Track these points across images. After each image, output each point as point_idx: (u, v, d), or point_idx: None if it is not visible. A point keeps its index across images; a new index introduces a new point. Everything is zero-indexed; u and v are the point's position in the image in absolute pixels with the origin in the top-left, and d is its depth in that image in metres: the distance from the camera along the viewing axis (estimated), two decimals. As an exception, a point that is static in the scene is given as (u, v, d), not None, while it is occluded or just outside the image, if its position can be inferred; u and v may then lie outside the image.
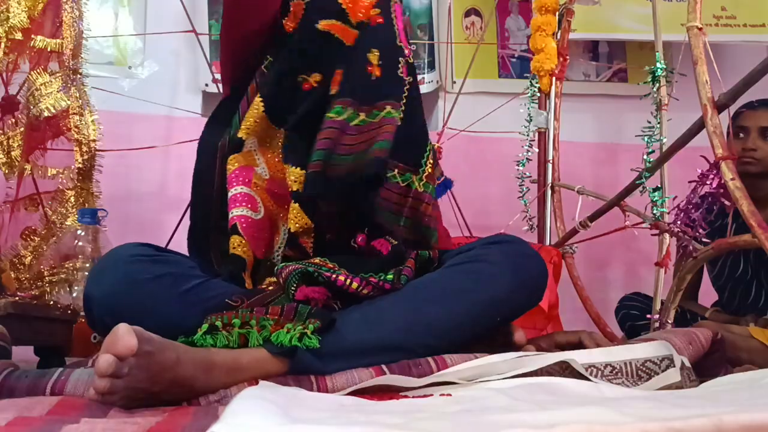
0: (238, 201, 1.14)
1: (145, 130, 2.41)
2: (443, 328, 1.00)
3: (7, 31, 1.80)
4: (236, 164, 1.18)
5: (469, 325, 1.03)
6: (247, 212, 1.14)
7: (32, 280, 1.76)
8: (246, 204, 1.14)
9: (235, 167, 1.17)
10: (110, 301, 0.95)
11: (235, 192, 1.15)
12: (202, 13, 2.64)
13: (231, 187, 1.16)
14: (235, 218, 1.12)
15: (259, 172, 1.19)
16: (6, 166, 1.81)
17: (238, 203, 1.14)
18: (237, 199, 1.14)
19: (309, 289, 1.00)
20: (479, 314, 1.03)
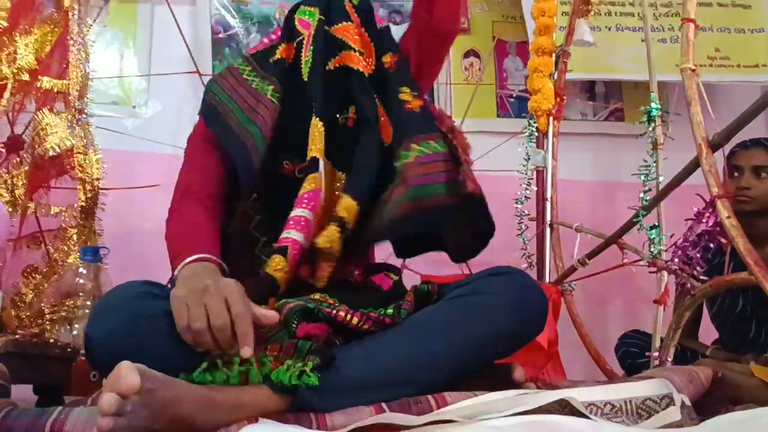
0: (298, 224, 1.12)
1: (149, 168, 2.43)
2: (444, 361, 1.00)
3: (14, 72, 1.84)
4: (312, 185, 1.16)
5: (471, 358, 1.03)
6: (301, 238, 1.12)
7: (33, 318, 1.77)
8: (303, 230, 1.12)
9: (310, 187, 1.16)
10: (111, 340, 0.95)
11: (298, 214, 1.13)
12: (206, 53, 2.69)
13: (298, 207, 1.14)
14: (288, 240, 1.10)
15: (321, 197, 1.18)
16: (10, 204, 1.83)
17: (296, 227, 1.12)
18: (298, 221, 1.13)
19: (310, 326, 1.00)
20: (481, 346, 1.03)
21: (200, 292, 0.93)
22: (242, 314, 0.92)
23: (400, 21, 2.89)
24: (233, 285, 0.96)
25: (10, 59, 1.87)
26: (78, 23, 1.94)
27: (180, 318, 0.92)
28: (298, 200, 1.15)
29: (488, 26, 2.92)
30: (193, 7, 2.76)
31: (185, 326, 0.91)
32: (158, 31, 2.72)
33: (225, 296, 0.93)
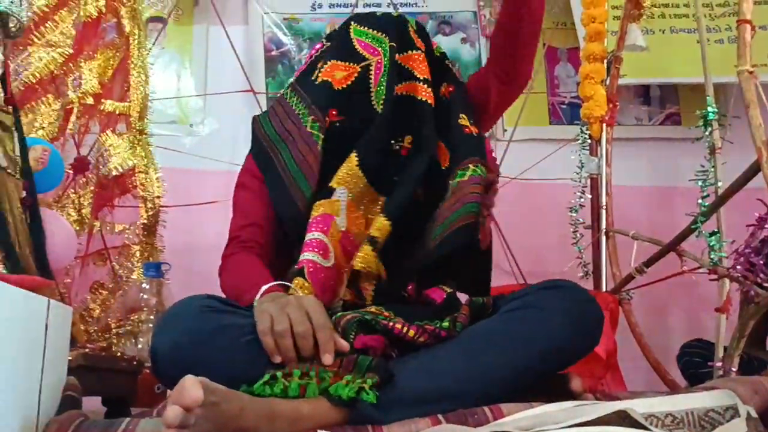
0: (312, 246, 1.18)
1: (206, 185, 2.50)
2: (500, 375, 1.00)
3: (80, 96, 1.93)
4: (321, 210, 1.22)
5: (526, 372, 1.02)
6: (318, 258, 1.17)
7: (100, 332, 1.83)
8: (318, 250, 1.17)
9: (319, 213, 1.21)
10: (176, 353, 0.98)
11: (311, 237, 1.19)
12: (259, 71, 2.75)
13: (309, 231, 1.20)
14: (305, 262, 1.16)
15: (338, 222, 1.22)
16: (77, 223, 1.91)
17: (312, 248, 1.17)
18: (312, 244, 1.18)
19: (367, 338, 1.01)
20: (536, 361, 1.03)
21: (283, 304, 1.00)
22: (323, 324, 0.99)
23: (450, 32, 2.90)
24: (314, 299, 1.04)
25: (76, 84, 1.95)
26: (138, 47, 2.01)
27: (262, 322, 0.98)
28: (309, 226, 1.20)
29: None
30: (246, 26, 2.83)
31: (267, 328, 0.97)
32: (213, 51, 2.80)
33: (306, 308, 0.99)
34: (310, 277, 1.14)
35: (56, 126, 1.94)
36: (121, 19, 1.99)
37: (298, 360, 0.98)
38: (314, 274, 1.15)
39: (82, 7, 1.96)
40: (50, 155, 1.70)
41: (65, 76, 1.95)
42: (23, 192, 1.54)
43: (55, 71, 1.93)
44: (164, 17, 2.70)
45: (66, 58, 1.94)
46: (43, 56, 1.91)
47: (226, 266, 1.29)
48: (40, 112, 1.91)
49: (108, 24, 2.06)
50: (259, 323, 0.98)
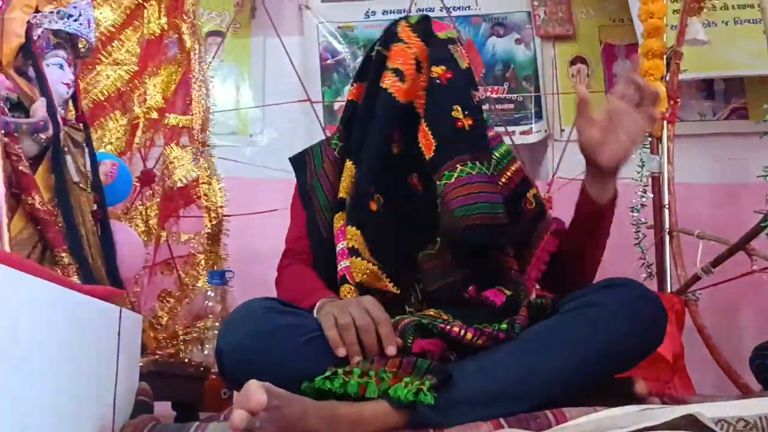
0: (345, 255, 1.20)
1: (266, 193, 2.55)
2: (560, 376, 0.99)
3: (145, 111, 2.00)
4: (341, 222, 1.24)
5: (587, 372, 1.01)
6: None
7: (168, 339, 1.90)
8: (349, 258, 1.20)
9: (340, 224, 1.24)
10: (240, 353, 1.01)
11: (341, 247, 1.21)
12: (315, 81, 2.79)
13: (338, 242, 1.22)
14: (344, 270, 1.18)
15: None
16: (144, 233, 1.99)
17: (345, 256, 1.20)
18: (344, 253, 1.20)
19: (425, 342, 1.02)
20: (596, 360, 1.01)
21: (344, 304, 1.06)
22: (383, 318, 1.03)
23: (504, 33, 2.88)
24: (371, 298, 1.08)
25: (141, 100, 2.03)
26: (198, 61, 2.08)
27: (326, 321, 1.02)
28: (336, 236, 1.23)
29: (594, 31, 2.86)
30: (302, 36, 2.88)
31: (331, 324, 1.01)
32: (270, 62, 2.86)
33: (366, 306, 1.04)
34: (352, 280, 1.17)
35: (123, 140, 2.02)
36: (182, 35, 2.06)
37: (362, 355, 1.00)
38: (354, 278, 1.18)
39: (146, 26, 2.04)
40: (119, 169, 1.77)
41: (131, 93, 2.04)
42: (94, 205, 1.61)
43: (121, 88, 2.02)
44: (223, 31, 2.77)
45: (132, 75, 2.03)
46: (111, 74, 2.00)
47: (282, 278, 1.33)
48: (108, 127, 2.00)
49: (170, 40, 2.13)
50: (323, 322, 1.03)
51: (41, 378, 0.83)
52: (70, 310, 0.94)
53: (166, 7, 2.07)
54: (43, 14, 1.61)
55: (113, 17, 2.02)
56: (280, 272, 1.34)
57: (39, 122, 1.46)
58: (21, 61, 1.57)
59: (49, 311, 0.87)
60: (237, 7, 2.79)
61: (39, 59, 1.56)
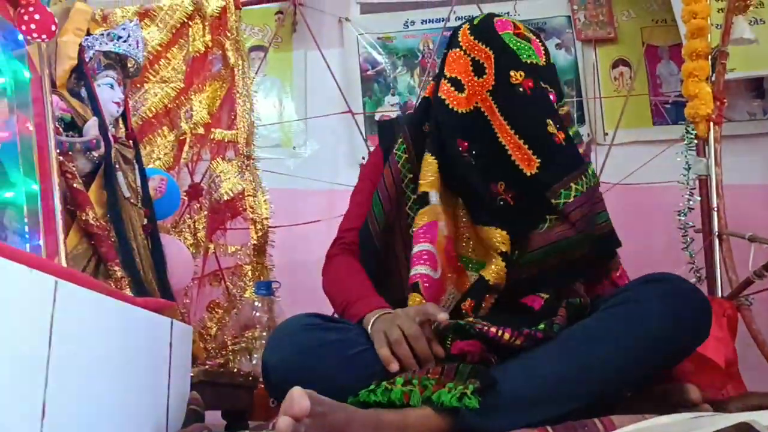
0: (422, 259, 1.16)
1: (310, 204, 2.59)
2: (601, 373, 0.98)
3: (191, 127, 2.06)
4: (423, 219, 1.19)
5: (629, 369, 0.99)
6: (429, 271, 1.15)
7: (217, 349, 1.93)
8: (428, 263, 1.16)
9: (422, 223, 1.19)
10: (285, 367, 1.04)
11: (420, 249, 1.17)
12: (356, 92, 2.82)
13: (416, 243, 1.18)
14: (418, 276, 1.15)
15: (441, 228, 1.20)
16: (193, 246, 2.03)
17: (422, 261, 1.16)
18: (421, 256, 1.16)
19: (463, 343, 1.03)
20: (638, 356, 0.99)
21: (391, 319, 1.08)
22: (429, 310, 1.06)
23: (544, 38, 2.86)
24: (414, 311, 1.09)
25: (187, 116, 2.09)
26: (242, 77, 2.12)
27: (378, 340, 1.05)
28: (415, 236, 1.18)
29: (636, 32, 2.82)
30: (342, 48, 2.91)
31: (383, 341, 1.04)
32: (312, 75, 2.89)
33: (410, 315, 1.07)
34: (425, 291, 1.14)
35: (171, 156, 2.08)
36: (225, 51, 2.11)
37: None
38: (429, 289, 1.14)
39: (191, 44, 2.10)
40: (167, 184, 1.82)
41: (178, 109, 2.10)
42: (145, 219, 1.66)
43: (168, 105, 2.08)
44: (265, 46, 2.82)
45: (178, 92, 2.09)
46: (158, 92, 2.06)
47: (330, 268, 1.33)
48: (156, 143, 2.06)
49: (214, 57, 2.19)
50: (375, 342, 1.05)
51: (101, 387, 0.86)
52: (125, 322, 0.97)
53: (210, 25, 2.12)
54: (94, 36, 1.67)
55: (160, 37, 2.08)
56: (328, 260, 1.34)
57: (91, 141, 1.51)
58: (74, 82, 1.63)
59: (106, 324, 0.90)
60: (278, 21, 2.84)
61: (91, 80, 1.62)
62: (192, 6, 2.12)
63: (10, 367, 0.67)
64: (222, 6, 2.12)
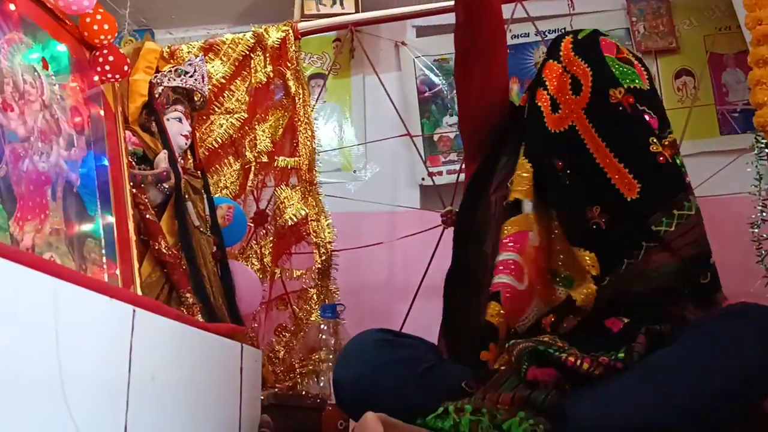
0: (506, 268, 1.14)
1: (372, 226, 2.61)
2: (682, 408, 0.93)
3: (256, 156, 2.12)
4: (513, 228, 1.17)
5: (713, 405, 0.94)
6: (512, 281, 1.13)
7: (286, 372, 1.97)
8: (512, 273, 1.13)
9: (511, 232, 1.17)
10: (356, 384, 1.05)
11: (505, 257, 1.15)
12: (414, 115, 2.84)
13: (503, 251, 1.16)
14: (500, 285, 1.13)
15: (531, 238, 1.17)
16: (260, 271, 2.08)
17: (505, 270, 1.14)
18: (506, 265, 1.14)
19: (539, 371, 1.00)
20: (726, 392, 0.94)
21: None
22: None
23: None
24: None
25: (251, 145, 2.15)
26: (303, 105, 2.17)
27: None
28: (502, 245, 1.15)
29: (699, 41, 2.76)
30: (399, 72, 2.94)
31: None
32: (370, 99, 2.94)
33: None
34: (505, 302, 1.11)
35: (237, 184, 2.14)
36: (286, 81, 2.17)
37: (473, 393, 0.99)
38: (510, 299, 1.12)
39: (253, 75, 2.17)
40: (234, 212, 1.88)
41: (242, 139, 2.17)
42: (214, 247, 1.72)
43: (233, 135, 2.15)
44: (324, 73, 2.88)
45: (242, 122, 2.16)
46: (223, 123, 2.13)
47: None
48: (223, 173, 2.13)
49: (275, 86, 2.25)
50: None
51: (177, 411, 0.90)
52: (198, 347, 1.01)
53: (270, 56, 2.19)
54: (163, 73, 1.75)
55: (223, 70, 2.16)
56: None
57: (162, 173, 1.58)
58: (145, 118, 1.71)
59: (181, 349, 0.94)
60: (336, 49, 2.90)
61: (161, 115, 1.69)
62: (253, 39, 2.19)
63: (97, 393, 0.70)
64: (282, 37, 2.18)
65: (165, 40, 3.02)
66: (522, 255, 1.15)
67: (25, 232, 1.06)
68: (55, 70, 1.28)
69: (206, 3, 2.98)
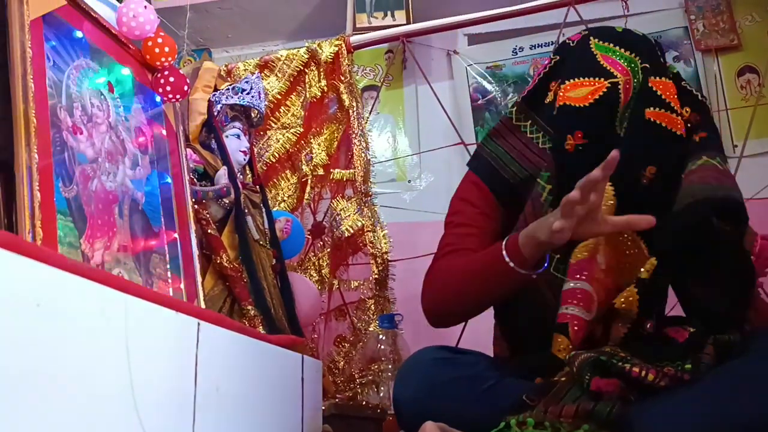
0: (575, 298, 1.11)
1: (427, 236, 2.61)
2: (753, 424, 0.88)
3: (312, 169, 2.15)
4: (584, 253, 1.14)
5: None
6: (582, 313, 1.10)
7: (345, 382, 1.98)
8: (582, 303, 1.10)
9: (581, 257, 1.14)
10: (415, 403, 1.06)
11: (574, 286, 1.12)
12: (467, 123, 2.84)
13: (571, 279, 1.13)
14: (568, 317, 1.10)
15: (599, 261, 1.15)
16: (318, 282, 2.11)
17: (574, 301, 1.11)
18: (575, 294, 1.11)
19: (603, 382, 0.98)
20: None
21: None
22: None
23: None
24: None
25: (308, 158, 2.19)
26: (357, 117, 2.20)
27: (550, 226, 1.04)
28: (570, 272, 1.13)
29: (763, 36, 2.67)
30: (452, 81, 2.95)
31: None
32: (423, 109, 2.95)
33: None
34: (573, 335, 1.09)
35: (295, 197, 2.18)
36: (340, 94, 2.20)
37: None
38: (578, 332, 1.09)
39: (308, 90, 2.20)
40: (292, 225, 1.91)
41: (299, 153, 2.20)
42: (273, 259, 1.75)
43: (290, 149, 2.19)
44: (377, 85, 2.91)
45: (298, 137, 2.19)
46: (280, 138, 2.17)
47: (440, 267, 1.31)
48: (280, 186, 2.17)
49: (329, 100, 2.28)
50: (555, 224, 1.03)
51: (241, 422, 0.92)
52: (260, 359, 1.03)
53: (324, 71, 2.22)
54: (221, 92, 1.80)
55: (279, 85, 2.20)
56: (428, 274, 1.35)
57: (222, 188, 1.62)
58: (204, 136, 1.75)
59: (244, 361, 0.96)
60: (388, 60, 2.93)
61: (220, 132, 1.74)
62: (307, 54, 2.23)
63: (166, 404, 0.73)
64: (335, 52, 2.21)
65: (222, 59, 3.11)
66: (591, 282, 1.12)
67: (95, 249, 1.10)
68: (120, 92, 1.33)
69: (261, 21, 3.05)
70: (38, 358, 0.54)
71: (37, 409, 0.53)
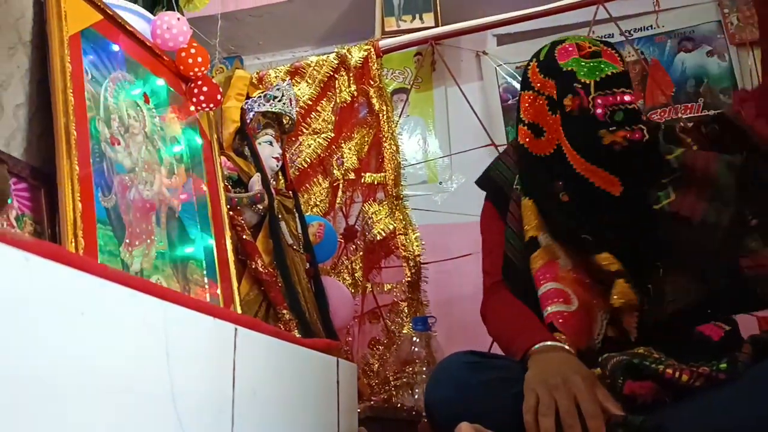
0: (550, 297, 1.16)
1: (459, 238, 2.60)
2: None
3: (343, 173, 2.17)
4: (539, 261, 1.21)
5: None
6: (562, 307, 1.15)
7: (380, 385, 1.99)
8: (558, 299, 1.16)
9: (540, 265, 1.20)
10: (446, 406, 1.06)
11: (545, 289, 1.17)
12: (498, 123, 2.83)
13: (539, 285, 1.19)
14: (551, 316, 1.15)
15: (562, 264, 1.20)
16: (351, 286, 2.13)
17: (551, 299, 1.16)
18: (549, 295, 1.17)
19: (636, 385, 0.98)
20: None
21: (552, 387, 0.98)
22: (593, 413, 0.94)
23: (693, 48, 2.73)
24: (581, 382, 0.98)
25: (339, 163, 2.20)
26: (387, 121, 2.21)
27: (528, 400, 0.98)
28: (536, 279, 1.19)
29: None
30: (481, 81, 2.94)
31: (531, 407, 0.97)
32: (453, 110, 2.95)
33: (575, 393, 0.96)
34: (562, 328, 1.13)
35: (327, 202, 2.20)
36: (370, 99, 2.21)
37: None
38: (565, 324, 1.13)
39: (338, 95, 2.22)
40: (325, 229, 1.93)
41: (330, 157, 2.22)
42: (307, 264, 1.77)
43: (321, 154, 2.21)
44: (407, 87, 2.92)
45: (329, 142, 2.21)
46: (311, 143, 2.20)
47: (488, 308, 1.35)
48: (312, 191, 2.19)
49: (359, 104, 2.30)
50: (525, 400, 0.98)
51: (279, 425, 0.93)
52: (296, 362, 1.04)
53: (354, 76, 2.24)
54: (253, 100, 1.82)
55: (309, 91, 2.23)
56: (485, 303, 1.36)
57: (256, 195, 1.65)
58: (238, 143, 1.78)
59: (280, 365, 0.98)
60: (417, 63, 2.93)
61: (252, 139, 1.77)
62: (337, 60, 2.25)
63: (206, 408, 0.75)
64: (364, 56, 2.23)
65: (253, 66, 3.15)
66: (559, 281, 1.17)
67: (134, 257, 1.13)
68: (155, 103, 1.37)
69: (291, 28, 3.08)
70: (83, 365, 0.56)
71: (83, 414, 0.55)
